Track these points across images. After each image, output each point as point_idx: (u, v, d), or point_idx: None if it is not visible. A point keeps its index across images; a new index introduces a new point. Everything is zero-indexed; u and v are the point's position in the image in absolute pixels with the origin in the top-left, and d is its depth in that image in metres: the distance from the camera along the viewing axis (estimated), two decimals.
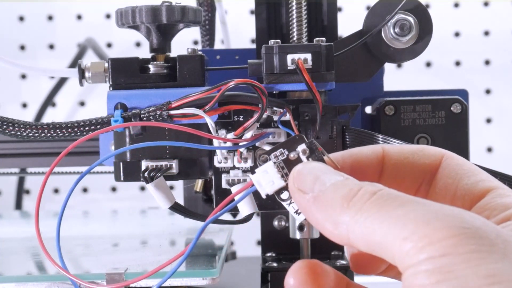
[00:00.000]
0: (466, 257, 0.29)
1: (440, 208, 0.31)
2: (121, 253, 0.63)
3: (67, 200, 0.43)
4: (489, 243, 0.30)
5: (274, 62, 0.48)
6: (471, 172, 0.37)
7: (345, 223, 0.33)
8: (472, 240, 0.30)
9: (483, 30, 1.06)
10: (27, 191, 1.06)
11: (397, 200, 0.32)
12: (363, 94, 0.60)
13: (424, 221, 0.30)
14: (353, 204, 0.33)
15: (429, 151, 0.38)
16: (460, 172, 0.37)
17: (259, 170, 0.38)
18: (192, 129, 0.45)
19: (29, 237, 0.69)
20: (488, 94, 1.06)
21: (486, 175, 0.37)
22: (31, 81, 1.08)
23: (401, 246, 0.31)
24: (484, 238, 0.30)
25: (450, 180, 0.37)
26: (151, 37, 0.52)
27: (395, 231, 0.31)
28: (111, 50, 1.06)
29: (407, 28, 0.53)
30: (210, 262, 0.55)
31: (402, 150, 0.38)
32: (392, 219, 0.31)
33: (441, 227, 0.30)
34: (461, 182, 0.36)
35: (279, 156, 0.38)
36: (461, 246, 0.29)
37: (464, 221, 0.30)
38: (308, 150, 0.38)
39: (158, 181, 0.48)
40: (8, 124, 0.49)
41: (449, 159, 0.37)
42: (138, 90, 0.50)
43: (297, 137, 0.38)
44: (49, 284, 0.52)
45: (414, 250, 0.30)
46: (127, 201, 1.05)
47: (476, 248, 0.29)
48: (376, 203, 0.32)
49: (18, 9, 1.07)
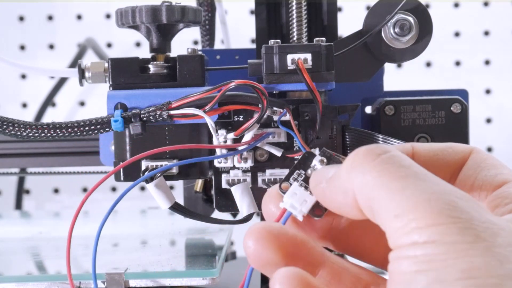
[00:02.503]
0: (448, 248, 0.29)
1: (438, 191, 0.30)
2: (121, 253, 0.63)
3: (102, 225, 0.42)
4: (475, 235, 0.29)
5: (274, 62, 0.48)
6: (492, 166, 0.36)
7: (351, 189, 0.32)
8: (459, 230, 0.29)
9: (483, 30, 1.06)
10: (27, 191, 1.06)
11: (399, 171, 0.31)
12: (363, 94, 0.60)
13: (417, 202, 0.30)
14: (356, 166, 0.32)
15: (458, 148, 0.38)
16: (482, 165, 0.36)
17: (286, 196, 0.37)
18: (193, 145, 0.45)
19: (29, 237, 0.69)
20: (488, 94, 1.06)
21: (508, 170, 0.36)
22: (31, 81, 1.08)
23: (392, 224, 0.30)
24: (472, 229, 0.29)
25: (471, 172, 0.37)
26: (151, 37, 0.52)
27: (390, 206, 0.30)
28: (111, 50, 1.06)
29: (407, 28, 0.53)
30: (210, 262, 0.55)
31: (432, 147, 0.38)
32: (389, 191, 0.31)
33: (432, 212, 0.29)
34: (480, 174, 0.36)
35: (298, 177, 0.38)
36: (446, 235, 0.29)
37: (457, 210, 0.30)
38: (325, 159, 0.37)
39: (158, 181, 0.48)
40: (8, 124, 0.49)
41: (475, 154, 0.37)
42: (138, 90, 0.50)
43: (306, 155, 0.38)
44: (49, 284, 0.52)
45: (402, 231, 0.30)
46: (127, 201, 1.05)
47: (460, 239, 0.29)
48: (378, 168, 0.32)
49: (18, 9, 1.07)
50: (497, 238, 0.29)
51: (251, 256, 0.35)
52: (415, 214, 0.30)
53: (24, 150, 0.71)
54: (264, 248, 0.34)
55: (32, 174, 0.82)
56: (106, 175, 0.45)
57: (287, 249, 0.35)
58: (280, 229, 0.35)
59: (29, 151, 0.70)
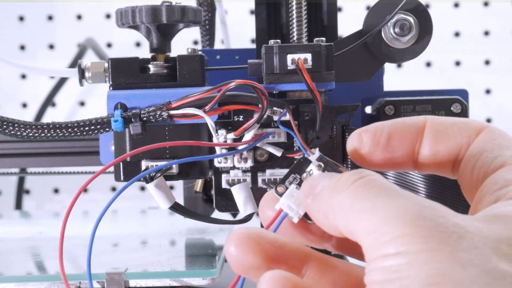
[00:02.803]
0: (413, 257, 0.29)
1: (404, 205, 0.31)
2: (121, 253, 0.63)
3: None
4: (438, 241, 0.29)
5: (274, 62, 0.48)
6: (497, 147, 0.36)
7: (332, 212, 0.33)
8: (423, 238, 0.29)
9: (483, 30, 1.06)
10: (27, 191, 1.06)
11: (370, 192, 0.32)
12: (363, 94, 0.60)
13: (385, 218, 0.31)
14: (336, 193, 0.33)
15: (468, 124, 0.37)
16: (488, 145, 0.36)
17: (284, 197, 0.37)
18: (192, 142, 0.45)
19: (29, 237, 0.69)
20: (488, 94, 1.06)
21: (511, 153, 0.35)
22: (31, 81, 1.08)
23: (365, 241, 0.31)
24: (435, 236, 0.30)
25: (475, 152, 0.36)
26: (151, 37, 0.52)
27: (363, 225, 0.31)
28: (111, 50, 1.06)
29: (407, 28, 0.53)
30: (210, 262, 0.55)
31: (445, 121, 0.37)
32: (361, 212, 0.32)
33: (398, 225, 0.30)
34: (483, 155, 0.36)
35: (293, 181, 0.38)
36: (412, 244, 0.29)
37: (421, 219, 0.30)
38: (322, 164, 0.37)
39: (158, 181, 0.48)
40: (8, 124, 0.49)
41: (486, 133, 0.37)
42: (138, 90, 0.50)
43: (302, 160, 0.38)
44: (49, 284, 0.52)
45: (374, 246, 0.30)
46: (127, 201, 1.05)
47: (424, 247, 0.29)
48: (353, 193, 0.33)
49: (18, 9, 1.07)
50: (462, 242, 0.30)
51: (233, 262, 0.35)
52: (383, 230, 0.30)
53: (24, 150, 0.71)
54: (245, 253, 0.35)
55: (32, 174, 0.82)
56: (96, 173, 0.45)
57: (268, 252, 0.35)
58: (259, 233, 0.35)
59: (29, 151, 0.71)
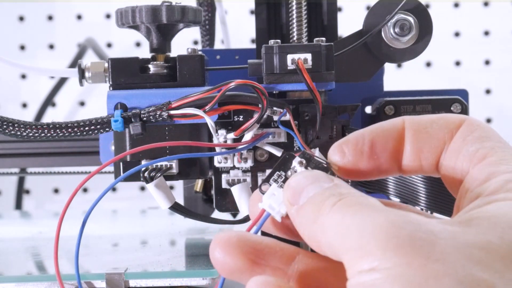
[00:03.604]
0: (387, 272, 0.29)
1: (379, 217, 0.31)
2: (121, 253, 0.63)
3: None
4: (412, 254, 0.29)
5: (274, 62, 0.48)
6: (477, 139, 0.35)
7: (315, 235, 0.33)
8: (396, 252, 0.29)
9: (483, 30, 1.06)
10: (27, 191, 1.06)
11: (349, 210, 0.32)
12: (363, 94, 0.60)
13: (361, 234, 0.31)
14: (318, 217, 0.33)
15: (447, 119, 0.36)
16: (468, 138, 0.35)
17: (265, 196, 0.37)
18: (191, 142, 0.45)
19: (29, 237, 0.69)
20: (488, 94, 1.06)
21: (492, 143, 0.35)
22: (31, 81, 1.08)
23: (345, 258, 0.31)
24: (408, 248, 0.29)
25: (456, 146, 0.36)
26: (151, 37, 0.52)
27: (342, 243, 0.31)
28: (111, 50, 1.06)
29: (407, 28, 0.53)
30: (210, 262, 0.55)
31: (421, 121, 0.37)
32: (342, 230, 0.32)
33: (372, 239, 0.30)
34: (463, 149, 0.35)
35: (278, 179, 0.38)
36: (384, 259, 0.29)
37: (392, 231, 0.30)
38: (304, 161, 0.37)
39: (158, 181, 0.48)
40: (8, 124, 0.49)
41: (465, 126, 0.36)
42: (138, 90, 0.50)
43: (287, 156, 0.38)
44: (49, 284, 0.52)
45: (352, 262, 0.31)
46: (127, 201, 1.05)
47: (397, 261, 0.29)
48: (333, 214, 0.33)
49: (18, 9, 1.07)
50: (435, 251, 0.29)
51: (218, 266, 0.36)
52: (359, 246, 0.30)
53: (24, 150, 0.71)
54: (228, 256, 0.35)
55: (32, 174, 0.82)
56: (92, 172, 0.45)
57: (251, 255, 0.35)
58: (240, 237, 0.36)
59: (29, 151, 0.71)
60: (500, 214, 0.31)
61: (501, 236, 0.30)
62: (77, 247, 0.45)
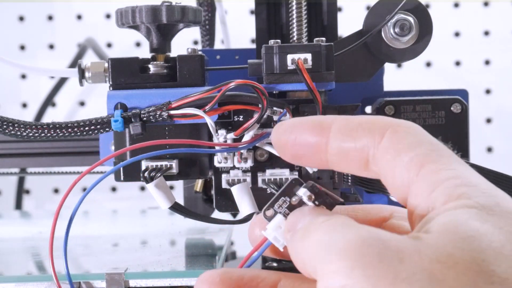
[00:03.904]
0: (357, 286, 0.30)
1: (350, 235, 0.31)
2: (121, 253, 0.63)
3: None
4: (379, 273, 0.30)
5: (274, 62, 0.48)
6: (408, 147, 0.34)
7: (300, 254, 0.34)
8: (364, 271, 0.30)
9: (483, 30, 1.06)
10: (27, 191, 1.06)
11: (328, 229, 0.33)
12: (363, 94, 0.60)
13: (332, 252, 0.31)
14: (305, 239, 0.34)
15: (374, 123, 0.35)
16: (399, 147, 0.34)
17: (270, 226, 0.37)
18: (192, 141, 0.45)
19: (29, 237, 0.69)
20: (488, 94, 1.06)
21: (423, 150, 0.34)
22: (31, 81, 1.08)
23: (317, 276, 0.32)
24: (377, 266, 0.30)
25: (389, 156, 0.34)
26: (151, 37, 0.52)
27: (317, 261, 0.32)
28: (111, 50, 1.06)
29: (407, 28, 0.53)
30: (210, 262, 0.55)
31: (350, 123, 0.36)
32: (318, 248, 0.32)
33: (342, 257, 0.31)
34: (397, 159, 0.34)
35: (283, 204, 0.37)
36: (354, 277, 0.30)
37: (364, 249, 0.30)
38: (313, 196, 0.37)
39: (158, 181, 0.48)
40: (8, 124, 0.49)
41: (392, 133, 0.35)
42: (138, 90, 0.50)
43: (293, 181, 0.37)
44: (49, 284, 0.52)
45: (323, 280, 0.31)
46: (127, 201, 1.05)
47: (366, 280, 0.30)
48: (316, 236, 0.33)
49: (18, 9, 1.07)
50: (402, 269, 0.30)
51: None
52: (330, 264, 0.31)
53: (24, 150, 0.71)
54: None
55: (32, 174, 0.82)
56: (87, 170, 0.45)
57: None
58: (223, 274, 0.37)
59: (29, 151, 0.70)
60: (458, 224, 0.31)
61: (462, 248, 0.30)
62: (66, 236, 0.45)
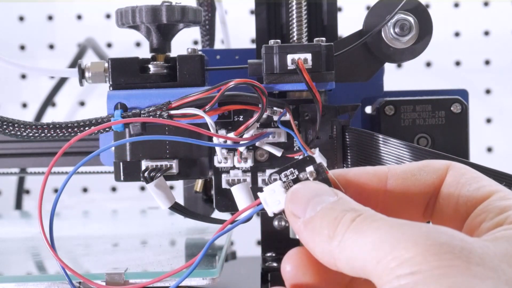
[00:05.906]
0: (429, 273, 0.30)
1: (410, 228, 0.32)
2: (121, 253, 0.63)
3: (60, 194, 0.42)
4: (451, 257, 0.30)
5: (274, 62, 0.48)
6: (473, 179, 0.37)
7: (331, 251, 0.34)
8: (435, 256, 0.30)
9: (483, 30, 1.06)
10: (27, 191, 1.06)
11: (373, 225, 0.33)
12: (363, 94, 0.60)
13: (394, 243, 0.32)
14: (337, 234, 0.34)
15: (434, 166, 0.38)
16: (462, 180, 0.37)
17: (267, 189, 0.38)
18: (194, 127, 0.45)
19: (29, 237, 0.69)
20: (488, 94, 1.06)
21: (488, 181, 0.37)
22: (31, 81, 1.08)
23: (376, 269, 0.32)
24: (448, 253, 0.31)
25: (452, 189, 0.37)
26: (151, 37, 0.52)
27: (371, 256, 0.32)
28: (111, 50, 1.06)
29: (407, 28, 0.53)
30: (210, 262, 0.55)
31: (408, 168, 0.38)
32: (368, 244, 0.33)
33: (408, 247, 0.31)
34: (463, 190, 0.37)
35: (289, 175, 0.38)
36: (425, 263, 0.30)
37: (430, 238, 0.31)
38: (315, 173, 0.37)
39: (158, 181, 0.48)
40: (8, 124, 0.49)
41: (453, 170, 0.38)
42: (138, 90, 0.50)
43: (308, 158, 0.38)
44: (49, 284, 0.52)
45: (387, 271, 0.31)
46: (127, 201, 1.05)
47: (439, 264, 0.30)
48: (355, 230, 0.33)
49: (18, 9, 1.07)
50: (473, 257, 0.31)
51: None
52: (394, 255, 0.31)
53: (24, 150, 0.70)
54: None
55: (32, 174, 0.82)
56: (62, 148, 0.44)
57: None
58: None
59: (29, 151, 0.70)
60: None
61: None
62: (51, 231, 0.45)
